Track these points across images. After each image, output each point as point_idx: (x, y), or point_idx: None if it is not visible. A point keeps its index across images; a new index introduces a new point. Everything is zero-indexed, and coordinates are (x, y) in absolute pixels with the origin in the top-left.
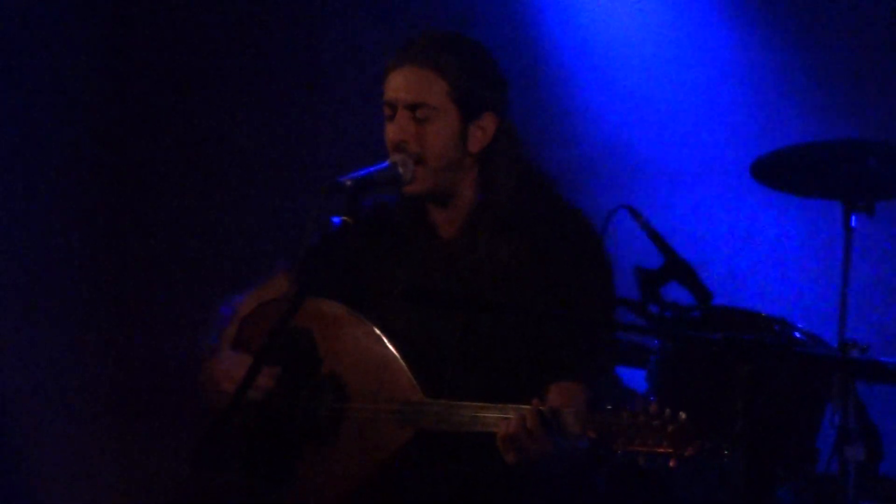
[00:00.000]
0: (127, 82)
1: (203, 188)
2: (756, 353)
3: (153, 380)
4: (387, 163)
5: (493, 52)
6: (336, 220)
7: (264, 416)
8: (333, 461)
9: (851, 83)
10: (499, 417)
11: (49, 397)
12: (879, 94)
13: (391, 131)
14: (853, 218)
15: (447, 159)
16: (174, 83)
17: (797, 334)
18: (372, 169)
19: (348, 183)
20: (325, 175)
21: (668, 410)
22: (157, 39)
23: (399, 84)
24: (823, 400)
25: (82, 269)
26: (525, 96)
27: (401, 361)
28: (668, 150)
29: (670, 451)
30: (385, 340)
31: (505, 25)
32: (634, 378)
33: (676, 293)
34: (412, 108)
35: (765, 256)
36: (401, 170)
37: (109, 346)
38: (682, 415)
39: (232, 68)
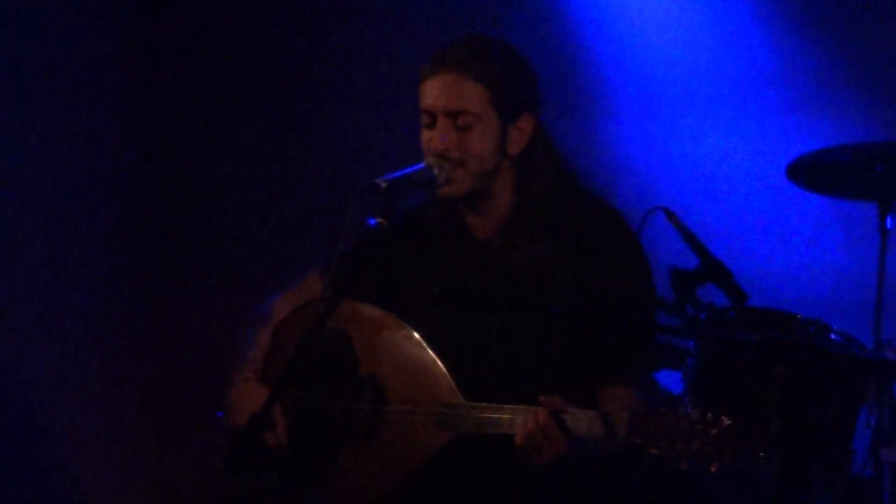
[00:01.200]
0: (162, 88)
1: (239, 188)
2: (792, 354)
3: (189, 379)
4: (422, 164)
5: (527, 53)
6: (371, 221)
7: (301, 418)
8: (370, 463)
9: (887, 84)
10: None
11: (85, 397)
12: None
13: (433, 140)
14: (888, 219)
15: (487, 164)
16: (209, 88)
17: (833, 335)
18: (407, 171)
19: (383, 185)
20: (361, 176)
21: (710, 415)
22: (193, 47)
23: (438, 91)
24: (859, 401)
25: (119, 269)
26: (561, 98)
27: (440, 364)
28: (703, 152)
29: (714, 455)
30: (423, 343)
31: (540, 28)
32: (670, 379)
33: (712, 294)
34: (453, 115)
35: (800, 257)
36: (436, 171)
37: (146, 345)
38: (725, 419)
39: (267, 71)
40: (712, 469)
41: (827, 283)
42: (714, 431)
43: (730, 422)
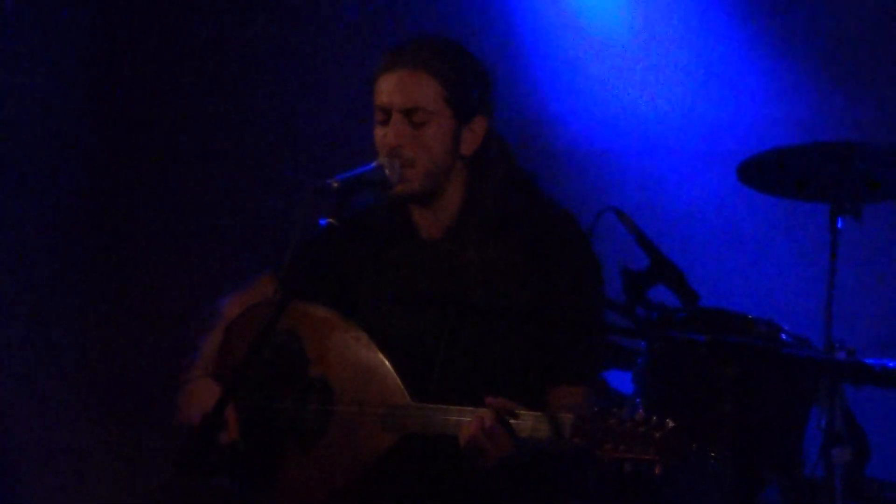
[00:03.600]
0: (119, 85)
1: (191, 188)
2: (742, 355)
3: (142, 380)
4: (374, 164)
5: (478, 50)
6: (322, 221)
7: (251, 419)
8: (319, 463)
9: (839, 85)
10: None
11: (38, 397)
12: (867, 97)
13: (387, 136)
14: (840, 220)
15: (440, 163)
16: (163, 85)
17: (784, 336)
18: (359, 171)
19: (335, 185)
20: (313, 177)
21: (654, 417)
22: (149, 40)
23: (393, 88)
24: (810, 402)
25: (73, 270)
26: (510, 99)
27: (388, 365)
28: (654, 153)
29: (656, 458)
30: (372, 344)
31: (487, 27)
32: (621, 380)
33: (663, 295)
34: (408, 112)
35: (751, 258)
36: (388, 171)
37: (100, 347)
38: (669, 422)
39: (221, 69)
40: (655, 471)
41: (778, 284)
42: (657, 434)
43: (674, 424)
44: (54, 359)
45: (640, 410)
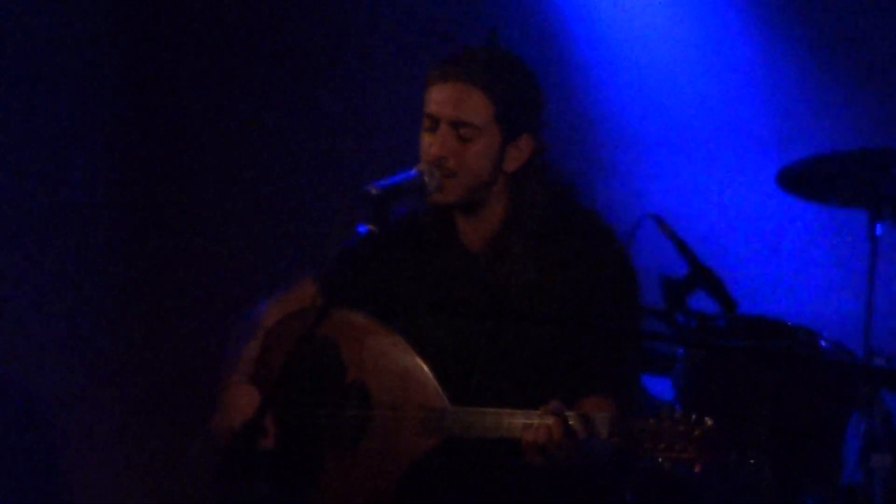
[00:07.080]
0: (153, 85)
1: (231, 193)
2: (782, 361)
3: (184, 385)
4: (414, 171)
5: (521, 50)
6: (362, 228)
7: (290, 424)
8: (357, 469)
9: (878, 91)
10: (524, 423)
11: (80, 399)
12: None
13: (433, 146)
14: (878, 227)
15: (481, 178)
16: (200, 93)
17: (822, 343)
18: (399, 177)
19: (374, 191)
20: (353, 183)
21: (693, 416)
22: (184, 51)
23: (445, 99)
24: (849, 409)
25: (111, 271)
26: (550, 107)
27: (426, 370)
28: (694, 158)
29: (695, 456)
30: (410, 349)
31: (530, 32)
32: (660, 386)
33: (702, 302)
34: (456, 125)
35: (790, 265)
36: (427, 179)
37: (139, 348)
38: (708, 420)
39: (260, 72)
40: (695, 469)
41: (817, 291)
42: (697, 433)
43: (712, 423)
44: (98, 361)
45: (678, 410)
